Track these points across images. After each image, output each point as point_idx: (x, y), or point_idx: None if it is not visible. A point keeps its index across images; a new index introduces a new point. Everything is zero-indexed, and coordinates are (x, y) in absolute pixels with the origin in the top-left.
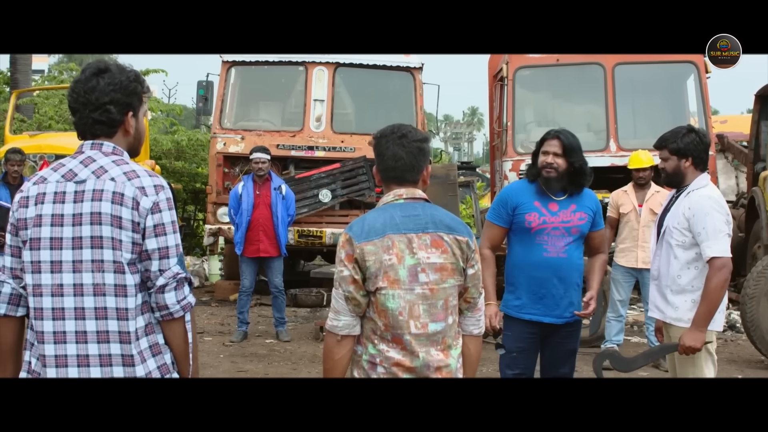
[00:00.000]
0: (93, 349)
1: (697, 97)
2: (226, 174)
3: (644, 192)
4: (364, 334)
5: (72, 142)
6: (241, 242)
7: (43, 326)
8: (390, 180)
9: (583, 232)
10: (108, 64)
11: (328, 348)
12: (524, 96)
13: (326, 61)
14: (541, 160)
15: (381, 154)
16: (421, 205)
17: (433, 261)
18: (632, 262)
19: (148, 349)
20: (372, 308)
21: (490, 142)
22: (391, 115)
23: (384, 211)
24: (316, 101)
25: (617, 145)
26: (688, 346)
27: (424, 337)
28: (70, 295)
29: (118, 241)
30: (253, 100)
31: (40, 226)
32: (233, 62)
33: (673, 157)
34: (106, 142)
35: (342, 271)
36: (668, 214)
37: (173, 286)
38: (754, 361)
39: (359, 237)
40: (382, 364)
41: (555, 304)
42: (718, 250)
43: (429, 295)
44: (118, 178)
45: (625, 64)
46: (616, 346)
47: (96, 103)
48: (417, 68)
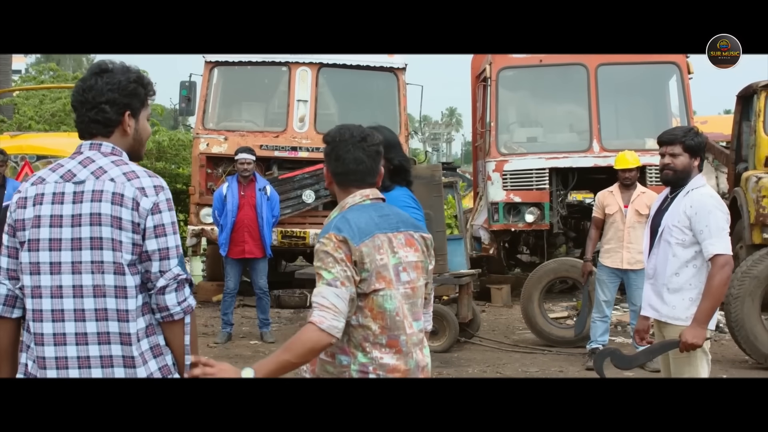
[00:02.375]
0: (94, 350)
1: (680, 98)
2: (209, 175)
3: (630, 193)
4: (352, 343)
5: (53, 143)
6: (226, 243)
7: (42, 328)
8: (350, 183)
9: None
10: (112, 64)
11: (316, 347)
12: (507, 96)
13: (309, 62)
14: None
15: (340, 157)
16: (387, 206)
17: (411, 259)
18: (617, 262)
19: (149, 351)
20: (363, 313)
21: (473, 142)
22: (374, 115)
23: (361, 211)
24: (300, 102)
25: (600, 145)
26: (690, 342)
27: (414, 336)
28: (70, 297)
29: (118, 242)
30: (236, 101)
31: (38, 227)
32: (216, 62)
33: (686, 154)
34: (105, 142)
35: (346, 271)
36: (666, 213)
37: (174, 287)
38: (738, 361)
39: (355, 238)
40: (375, 372)
41: None
42: (721, 248)
43: (411, 294)
44: (117, 178)
45: (608, 65)
46: (601, 347)
47: (92, 102)
48: (400, 69)
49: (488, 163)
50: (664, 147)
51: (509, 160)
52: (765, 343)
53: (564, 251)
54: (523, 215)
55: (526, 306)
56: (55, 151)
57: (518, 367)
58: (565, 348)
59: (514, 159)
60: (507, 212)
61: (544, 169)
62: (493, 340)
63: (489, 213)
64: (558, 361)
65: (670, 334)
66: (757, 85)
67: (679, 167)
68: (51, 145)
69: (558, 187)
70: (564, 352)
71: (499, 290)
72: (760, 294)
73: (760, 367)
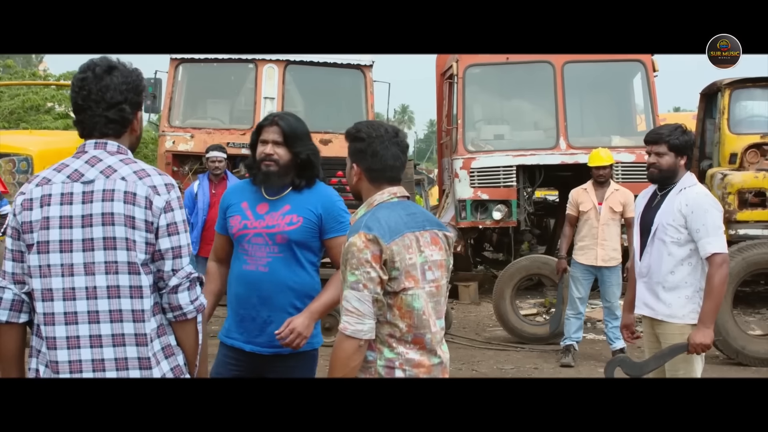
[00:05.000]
0: (108, 353)
1: (645, 96)
2: (176, 173)
3: (604, 190)
4: (378, 339)
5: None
6: (197, 242)
7: (54, 331)
8: (384, 180)
9: (292, 239)
10: (115, 61)
11: (346, 354)
12: (474, 94)
13: (276, 59)
14: (259, 151)
15: (377, 153)
16: (413, 204)
17: (435, 258)
18: (591, 259)
19: (161, 351)
20: (392, 311)
21: (438, 139)
22: (341, 113)
23: (390, 209)
24: (267, 99)
25: (567, 143)
26: (699, 343)
27: (438, 334)
28: (83, 299)
29: (131, 242)
30: (202, 98)
31: (47, 229)
32: (182, 59)
33: (671, 153)
34: (110, 141)
35: (369, 272)
36: (659, 211)
37: (186, 285)
38: (709, 357)
39: (386, 236)
40: (402, 368)
41: (258, 330)
42: (719, 246)
43: (435, 293)
44: (128, 177)
45: (574, 63)
46: (575, 344)
47: (110, 101)
48: (367, 66)
49: (455, 160)
50: (650, 146)
51: (476, 157)
52: (736, 339)
53: (527, 248)
54: (490, 212)
55: (498, 303)
56: (17, 149)
57: (493, 365)
58: (537, 345)
59: (481, 156)
60: (474, 209)
61: (511, 167)
62: (465, 337)
63: (456, 210)
64: (532, 357)
65: (664, 332)
66: (721, 83)
67: (664, 166)
68: (11, 143)
69: (525, 185)
70: (537, 348)
71: (466, 287)
72: (731, 290)
73: (731, 362)
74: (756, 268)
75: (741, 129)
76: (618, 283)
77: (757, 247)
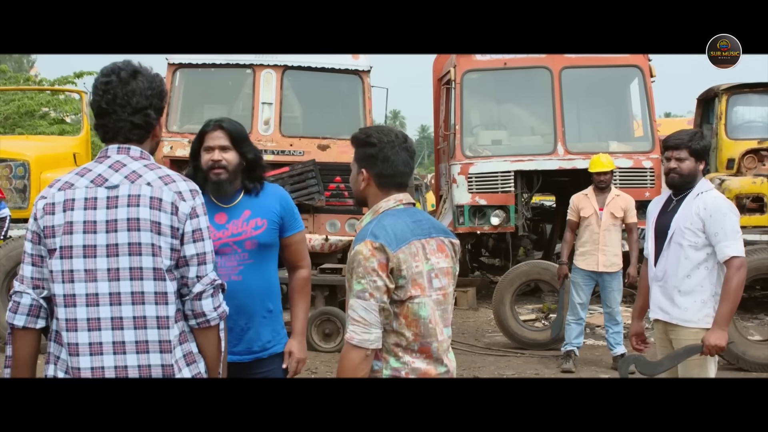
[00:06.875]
0: (132, 359)
1: (642, 101)
2: None
3: (605, 195)
4: (384, 348)
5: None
6: None
7: (77, 338)
8: (392, 185)
9: (261, 242)
10: (138, 65)
11: (353, 365)
12: (472, 99)
13: (274, 64)
14: (206, 159)
15: (388, 159)
16: (419, 211)
17: (442, 266)
18: (592, 265)
19: (182, 359)
20: (398, 320)
21: (435, 145)
22: (339, 118)
23: (396, 217)
24: (264, 104)
25: (564, 148)
26: (713, 345)
27: (445, 343)
28: (107, 305)
29: (157, 248)
30: (199, 103)
31: (71, 234)
32: (179, 65)
33: (691, 158)
34: (133, 146)
35: (376, 281)
36: (676, 215)
37: (210, 292)
38: None
39: (392, 244)
40: (408, 377)
41: (236, 339)
42: (737, 250)
43: (442, 300)
44: (154, 182)
45: (572, 68)
46: (576, 349)
47: (136, 106)
48: (365, 71)
49: (453, 166)
50: (671, 151)
51: (474, 163)
52: (737, 344)
53: (523, 254)
54: (488, 218)
55: (498, 309)
56: (13, 154)
57: (494, 370)
58: (537, 350)
59: (479, 162)
60: (472, 215)
61: (509, 172)
62: (464, 343)
63: (454, 216)
64: (532, 363)
65: (679, 336)
66: (718, 89)
67: (685, 171)
68: (8, 148)
69: (523, 190)
70: (537, 354)
71: (464, 293)
72: None
73: (731, 367)
74: (755, 274)
75: (738, 134)
76: (619, 289)
77: (756, 253)
